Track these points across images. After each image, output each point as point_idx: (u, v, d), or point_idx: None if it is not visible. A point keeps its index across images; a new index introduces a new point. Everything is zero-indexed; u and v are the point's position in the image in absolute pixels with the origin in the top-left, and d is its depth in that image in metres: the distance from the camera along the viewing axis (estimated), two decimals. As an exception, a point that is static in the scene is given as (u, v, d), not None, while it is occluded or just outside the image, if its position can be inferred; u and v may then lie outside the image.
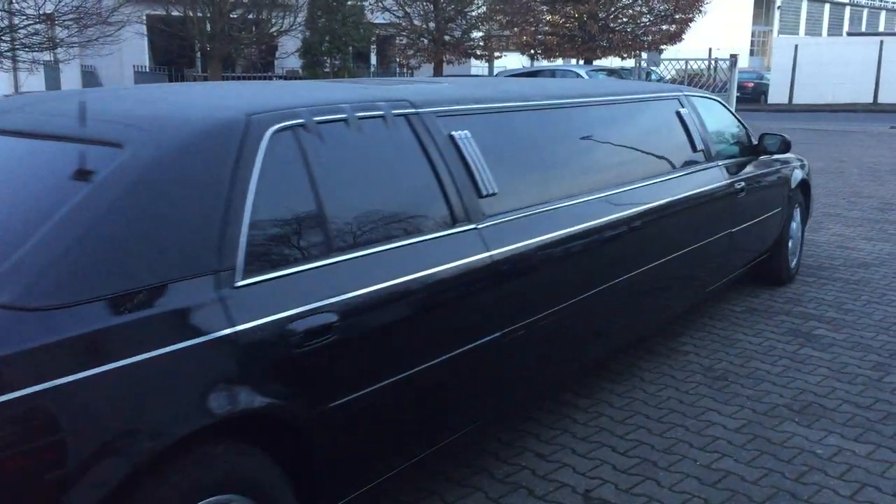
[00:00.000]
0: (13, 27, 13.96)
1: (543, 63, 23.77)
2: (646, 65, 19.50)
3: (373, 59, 27.92)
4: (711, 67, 17.28)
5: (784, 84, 28.77)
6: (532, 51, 23.21)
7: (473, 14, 23.73)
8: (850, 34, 41.87)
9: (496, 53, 24.57)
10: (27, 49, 14.50)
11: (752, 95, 28.46)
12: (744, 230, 4.66)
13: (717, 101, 4.98)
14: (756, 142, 5.06)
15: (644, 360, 4.22)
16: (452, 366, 2.64)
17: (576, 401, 3.73)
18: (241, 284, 2.06)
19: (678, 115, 4.37)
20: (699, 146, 4.38)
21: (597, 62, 22.70)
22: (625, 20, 22.41)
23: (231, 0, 20.02)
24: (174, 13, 20.55)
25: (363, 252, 2.39)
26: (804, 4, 51.65)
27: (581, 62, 22.54)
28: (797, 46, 29.16)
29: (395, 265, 2.46)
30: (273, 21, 21.31)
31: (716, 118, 4.80)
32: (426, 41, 23.43)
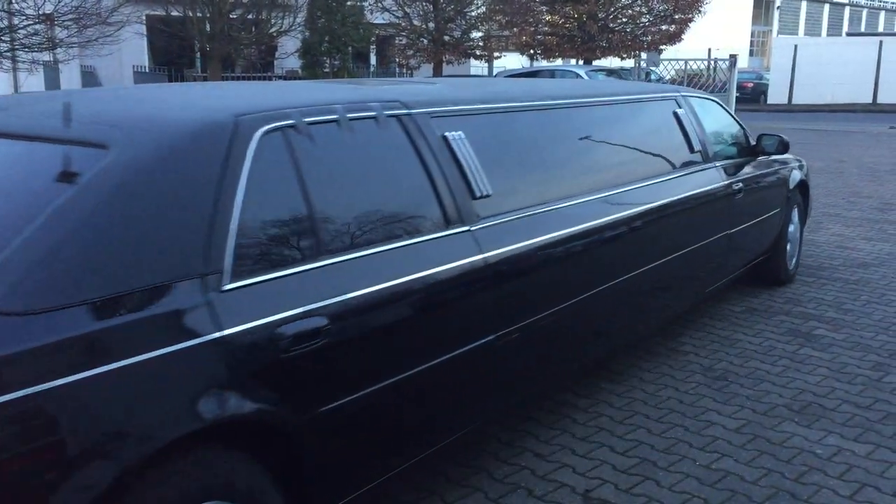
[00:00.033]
0: (13, 27, 13.95)
1: (543, 63, 23.77)
2: (645, 65, 19.50)
3: (372, 60, 27.91)
4: (711, 68, 17.30)
5: (783, 84, 28.79)
6: (531, 51, 23.18)
7: (473, 14, 23.71)
8: (850, 34, 41.88)
9: (496, 54, 24.54)
10: (27, 49, 14.49)
11: (752, 96, 28.49)
12: (742, 231, 4.64)
13: (715, 102, 4.96)
14: (754, 142, 5.04)
15: (644, 360, 4.22)
16: (445, 369, 2.62)
17: (575, 401, 3.73)
18: (229, 288, 2.03)
19: (675, 116, 4.34)
20: (696, 147, 4.35)
21: (596, 62, 22.68)
22: (624, 20, 22.39)
23: (231, 0, 20.01)
24: (174, 13, 20.53)
25: (354, 255, 2.36)
26: (803, 5, 51.67)
27: (580, 62, 22.52)
28: (796, 47, 29.18)
29: (387, 268, 2.43)
30: (273, 21, 21.30)
31: (713, 119, 4.77)
32: (426, 41, 23.42)
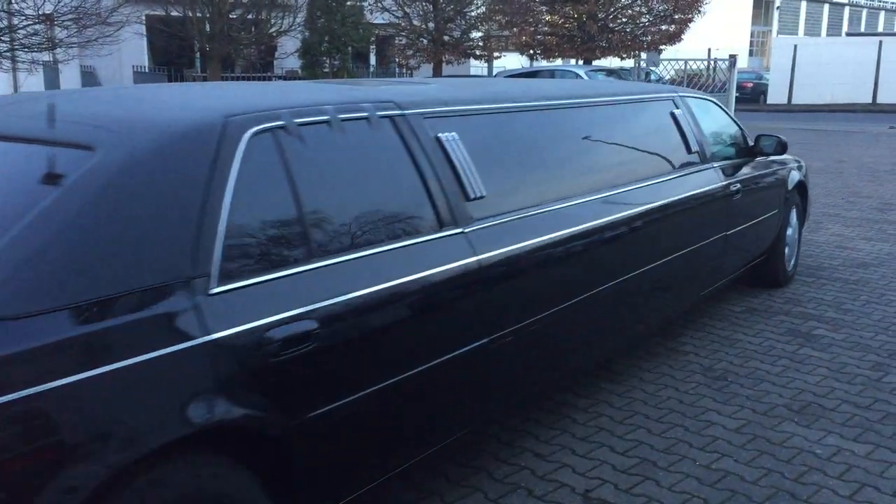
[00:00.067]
0: (12, 27, 13.96)
1: (543, 63, 23.77)
2: (645, 65, 19.49)
3: (372, 60, 27.91)
4: (710, 68, 17.30)
5: (783, 84, 28.79)
6: (531, 51, 23.18)
7: (473, 14, 23.72)
8: (849, 34, 41.89)
9: (495, 54, 24.53)
10: (26, 49, 14.50)
11: (752, 96, 28.51)
12: (739, 233, 4.62)
13: (713, 102, 4.94)
14: (752, 143, 5.01)
15: (644, 360, 4.22)
16: (438, 373, 2.58)
17: (575, 401, 3.73)
18: (216, 291, 2.00)
19: (672, 116, 4.31)
20: (694, 147, 4.32)
21: (596, 62, 22.69)
22: (624, 20, 22.39)
23: (230, 0, 20.02)
24: (173, 13, 20.53)
25: (345, 257, 2.33)
26: (803, 5, 51.68)
27: (580, 62, 22.53)
28: (796, 47, 29.19)
29: (379, 270, 2.40)
30: (272, 21, 21.30)
31: (711, 119, 4.75)
32: (425, 41, 23.42)
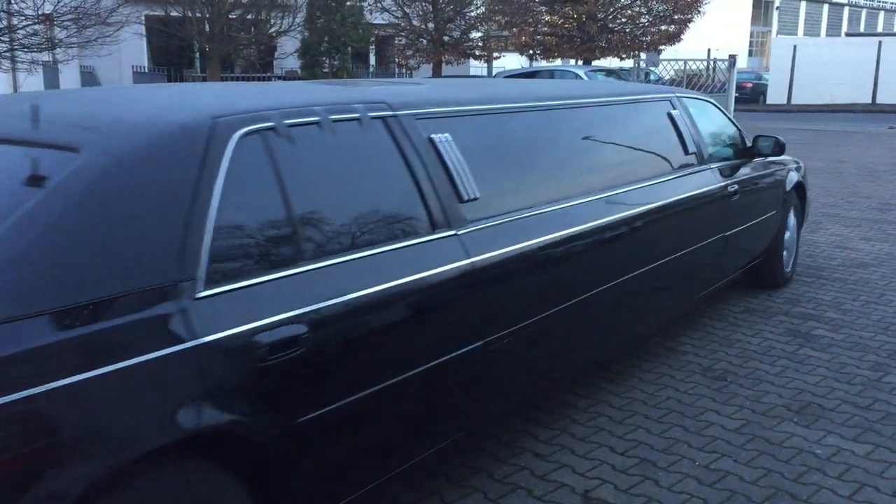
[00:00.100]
0: (12, 27, 13.96)
1: (542, 63, 23.78)
2: (644, 65, 19.49)
3: (372, 60, 27.92)
4: (710, 68, 17.31)
5: (783, 84, 28.80)
6: (531, 51, 23.21)
7: (472, 14, 23.75)
8: (849, 35, 41.91)
9: (495, 54, 24.56)
10: (26, 49, 14.51)
11: (751, 96, 28.54)
12: (737, 234, 4.59)
13: (711, 103, 4.92)
14: (750, 144, 4.99)
15: (643, 361, 4.22)
16: (430, 377, 2.56)
17: (575, 401, 3.73)
18: (203, 295, 1.98)
19: (669, 117, 4.28)
20: (691, 148, 4.29)
21: (596, 63, 22.70)
22: (623, 21, 22.43)
23: (230, 0, 20.02)
24: (173, 13, 20.55)
25: (335, 260, 2.30)
26: (803, 5, 51.70)
27: (580, 63, 22.54)
28: (796, 47, 29.21)
29: (370, 273, 2.37)
30: (272, 21, 21.32)
31: (709, 120, 4.72)
32: (425, 41, 23.44)
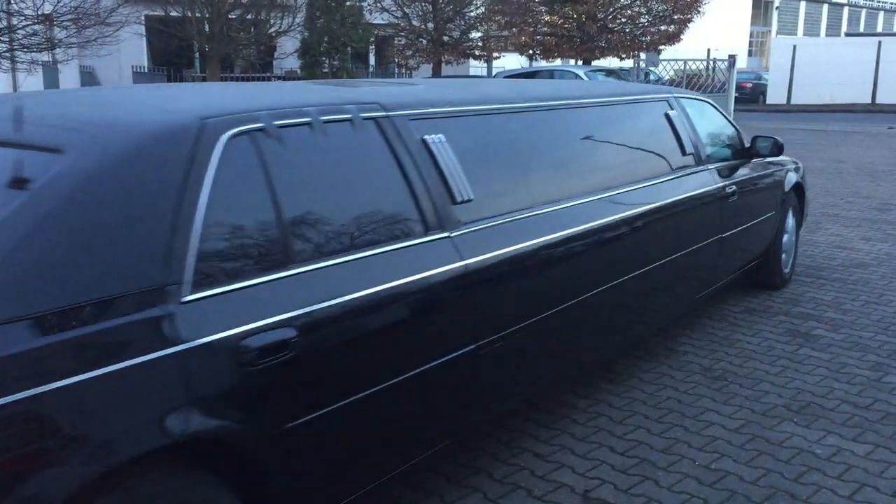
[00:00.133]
0: (12, 28, 13.96)
1: (542, 63, 23.78)
2: (644, 65, 19.51)
3: (371, 60, 27.92)
4: (710, 68, 17.32)
5: (782, 84, 28.81)
6: (531, 51, 23.22)
7: (472, 14, 23.77)
8: (849, 35, 41.92)
9: (495, 54, 24.57)
10: (26, 49, 14.51)
11: (751, 96, 28.56)
12: (735, 235, 4.56)
13: (708, 103, 4.90)
14: (748, 144, 4.96)
15: (643, 361, 4.22)
16: (423, 381, 2.53)
17: (575, 401, 3.73)
18: (189, 299, 1.95)
19: (667, 118, 4.25)
20: (688, 149, 4.26)
21: (595, 63, 22.71)
22: (623, 21, 22.44)
23: (230, 0, 20.02)
24: (173, 14, 20.56)
25: (326, 263, 2.28)
26: (802, 5, 51.71)
27: (580, 63, 22.55)
28: (795, 47, 29.22)
29: (361, 276, 2.35)
30: (272, 21, 21.33)
31: (706, 120, 4.69)
32: (425, 42, 23.45)
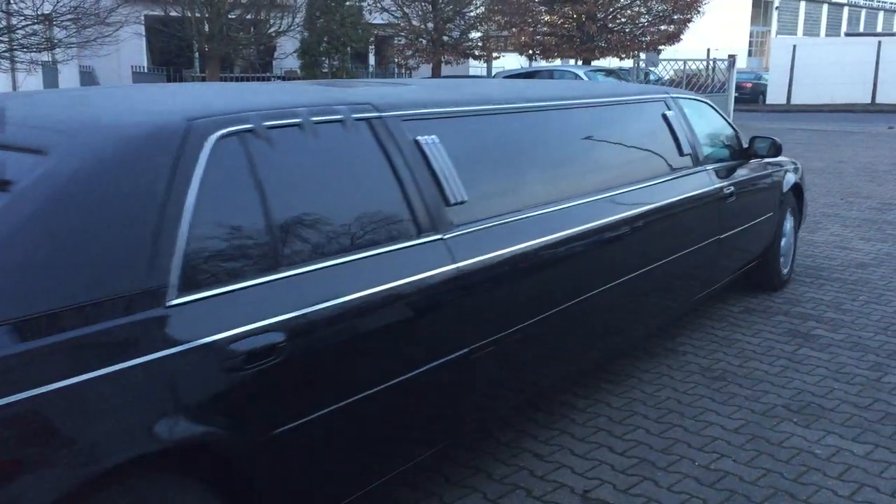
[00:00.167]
0: (11, 28, 13.95)
1: (542, 63, 23.78)
2: (644, 65, 19.50)
3: (371, 60, 27.92)
4: (710, 68, 17.32)
5: (782, 84, 28.81)
6: (530, 51, 23.21)
7: (472, 14, 23.75)
8: (848, 34, 41.91)
9: (494, 54, 24.57)
10: (25, 49, 14.49)
11: (751, 96, 28.56)
12: (733, 237, 4.54)
13: (706, 104, 4.87)
14: (746, 145, 4.94)
15: (642, 361, 4.22)
16: (414, 386, 2.51)
17: (574, 401, 3.73)
18: (175, 303, 1.93)
19: (664, 118, 4.22)
20: (686, 150, 4.24)
21: (595, 63, 22.71)
22: (623, 21, 22.45)
23: (229, 0, 20.02)
24: (172, 13, 20.56)
25: (316, 266, 2.25)
26: (802, 5, 51.71)
27: (579, 63, 22.55)
28: (795, 47, 29.21)
29: (352, 279, 2.32)
30: (271, 21, 21.32)
31: (704, 121, 4.67)
32: (424, 42, 23.44)
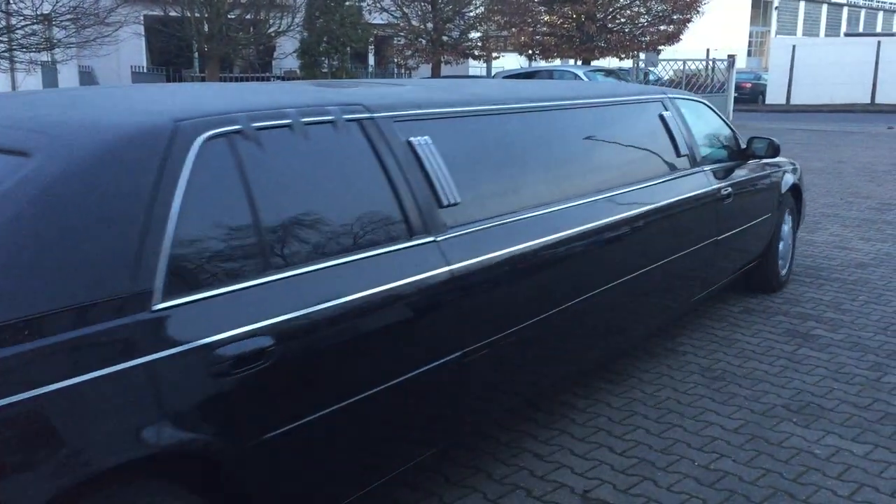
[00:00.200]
0: (10, 27, 13.94)
1: (541, 63, 23.78)
2: (644, 65, 19.50)
3: (371, 60, 27.92)
4: (709, 68, 17.33)
5: (782, 84, 28.82)
6: (530, 51, 23.23)
7: (471, 14, 23.76)
8: (848, 35, 41.93)
9: (494, 54, 24.58)
10: (25, 49, 14.49)
11: (750, 96, 28.59)
12: (730, 238, 4.52)
13: (703, 104, 4.86)
14: (744, 146, 4.92)
15: (642, 361, 4.22)
16: (406, 390, 2.49)
17: (574, 401, 3.73)
18: (161, 307, 1.90)
19: (661, 119, 4.19)
20: (683, 151, 4.21)
21: (595, 63, 22.71)
22: (623, 21, 22.47)
23: (229, 0, 20.02)
24: (172, 13, 20.55)
25: (306, 269, 2.23)
26: (802, 5, 51.71)
27: (579, 63, 22.55)
28: (795, 47, 29.23)
29: (343, 282, 2.30)
30: (271, 21, 21.32)
31: (702, 121, 4.65)
32: (424, 42, 23.44)
